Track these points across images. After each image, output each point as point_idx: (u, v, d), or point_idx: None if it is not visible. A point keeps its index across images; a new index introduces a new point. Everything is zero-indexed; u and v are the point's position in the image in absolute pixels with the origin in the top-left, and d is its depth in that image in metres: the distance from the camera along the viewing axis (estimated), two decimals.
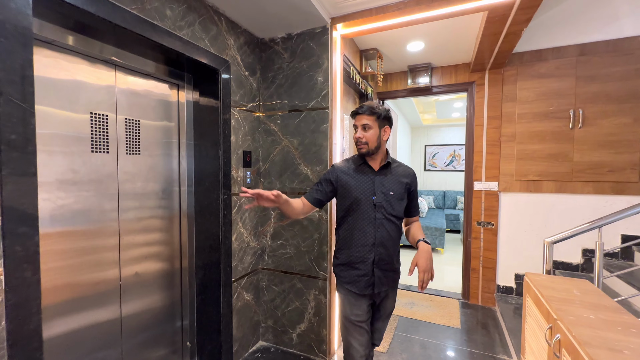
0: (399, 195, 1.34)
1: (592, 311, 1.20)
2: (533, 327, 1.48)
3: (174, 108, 1.71)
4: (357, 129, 1.33)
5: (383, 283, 1.33)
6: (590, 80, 2.36)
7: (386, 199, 1.31)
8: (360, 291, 1.31)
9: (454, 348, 2.10)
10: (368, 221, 1.30)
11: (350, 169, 1.36)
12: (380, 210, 1.30)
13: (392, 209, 1.32)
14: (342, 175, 1.35)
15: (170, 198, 1.72)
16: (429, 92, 2.96)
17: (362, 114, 1.31)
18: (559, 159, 2.46)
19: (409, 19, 1.77)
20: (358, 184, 1.32)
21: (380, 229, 1.30)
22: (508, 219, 2.65)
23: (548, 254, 1.69)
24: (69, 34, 1.21)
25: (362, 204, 1.30)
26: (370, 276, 1.31)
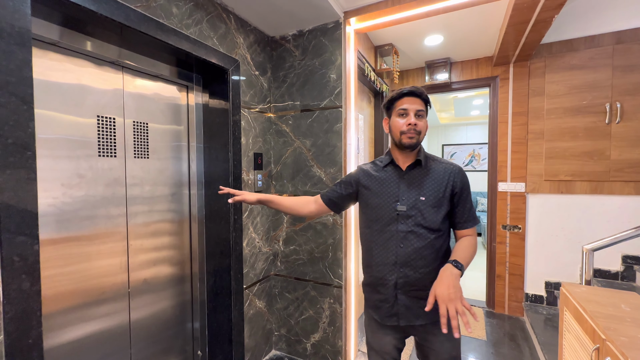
0: (434, 201, 1.04)
1: None
2: (573, 345, 1.32)
3: (183, 110, 1.67)
4: (406, 114, 1.04)
5: (414, 315, 1.04)
6: (629, 70, 2.16)
7: (414, 206, 1.04)
8: (382, 320, 1.08)
9: None
10: (389, 234, 1.05)
11: (373, 170, 1.14)
12: (406, 221, 1.04)
13: (422, 218, 1.03)
14: (363, 178, 1.14)
15: (180, 202, 1.67)
16: (448, 88, 2.81)
17: (418, 96, 1.05)
18: (594, 157, 2.26)
19: (427, 10, 1.66)
20: (379, 188, 1.10)
21: (405, 245, 1.03)
22: (537, 223, 2.46)
23: (588, 263, 1.52)
24: (73, 35, 1.18)
25: (383, 212, 1.07)
26: (392, 303, 1.05)
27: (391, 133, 1.10)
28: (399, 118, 1.06)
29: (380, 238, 1.07)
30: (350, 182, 1.18)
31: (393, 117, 1.08)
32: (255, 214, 1.87)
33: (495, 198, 2.60)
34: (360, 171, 1.18)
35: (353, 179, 1.18)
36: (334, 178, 1.81)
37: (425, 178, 1.08)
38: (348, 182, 1.18)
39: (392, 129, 1.09)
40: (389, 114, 1.11)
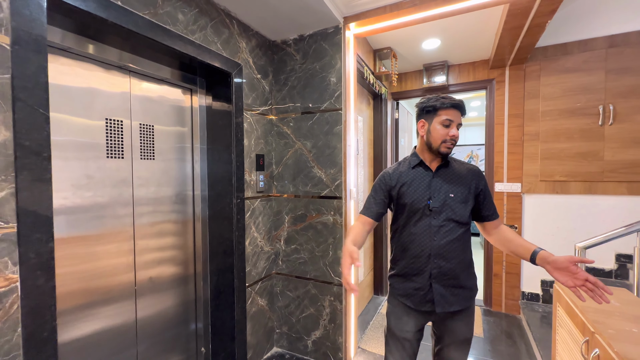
0: (462, 198, 1.14)
1: (634, 324, 1.09)
2: (565, 339, 1.37)
3: (187, 113, 1.71)
4: (450, 125, 1.11)
5: (449, 302, 1.13)
6: (622, 73, 2.21)
7: (445, 203, 1.13)
8: (416, 306, 1.16)
9: (477, 359, 1.99)
10: (423, 229, 1.14)
11: (403, 172, 1.21)
12: (438, 216, 1.13)
13: (453, 213, 1.13)
14: (394, 181, 1.20)
15: (184, 202, 1.71)
16: (446, 91, 2.86)
17: (462, 110, 1.12)
18: (588, 158, 2.31)
19: (424, 15, 1.71)
20: (412, 188, 1.17)
21: (438, 238, 1.12)
22: (533, 222, 2.51)
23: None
24: (83, 41, 1.22)
25: (417, 209, 1.15)
26: (427, 291, 1.14)
27: (429, 137, 1.15)
28: (442, 127, 1.12)
29: (415, 233, 1.15)
30: (384, 189, 1.22)
31: (435, 123, 1.14)
32: (257, 214, 1.91)
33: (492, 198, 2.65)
34: (389, 175, 1.23)
35: (384, 185, 1.22)
36: (334, 179, 1.85)
37: (452, 177, 1.17)
38: (382, 188, 1.22)
39: (433, 134, 1.14)
40: (429, 118, 1.15)
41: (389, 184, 1.21)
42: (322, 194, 1.89)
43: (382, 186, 1.21)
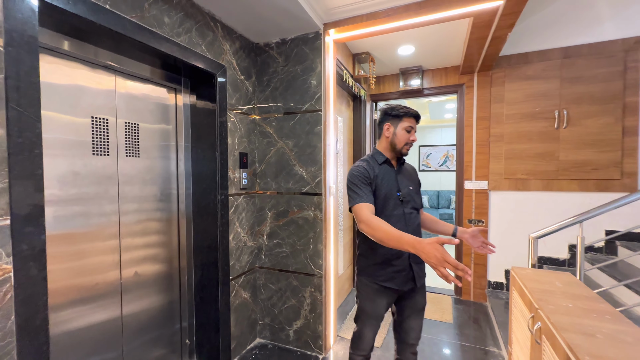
0: (416, 190, 1.40)
1: (571, 300, 1.27)
2: (518, 318, 1.55)
3: (172, 111, 1.76)
4: (411, 131, 1.33)
5: (421, 277, 1.36)
6: (574, 81, 2.45)
7: (409, 194, 1.34)
8: (399, 286, 1.31)
9: (446, 342, 2.17)
10: (398, 217, 1.30)
11: (374, 167, 1.33)
12: (407, 205, 1.33)
13: (414, 202, 1.35)
14: (372, 174, 1.31)
15: (169, 200, 1.76)
16: (421, 94, 3.04)
17: (418, 120, 1.34)
18: (546, 158, 2.54)
19: (398, 25, 1.84)
20: (385, 181, 1.32)
21: (410, 223, 1.32)
22: (498, 217, 2.73)
23: (533, 249, 1.77)
24: (71, 42, 1.26)
25: (391, 200, 1.31)
26: (408, 271, 1.31)
27: (394, 139, 1.34)
28: (405, 132, 1.33)
29: (392, 221, 1.26)
30: (366, 182, 1.29)
31: (399, 128, 1.33)
32: (241, 210, 1.99)
33: (462, 195, 2.85)
34: (369, 167, 1.32)
35: (366, 178, 1.29)
36: (315, 176, 1.96)
37: (407, 174, 1.42)
38: (366, 182, 1.29)
39: (399, 137, 1.33)
40: (395, 123, 1.34)
41: (369, 177, 1.29)
42: (304, 190, 2.00)
43: (365, 180, 1.28)
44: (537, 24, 2.53)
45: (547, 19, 2.50)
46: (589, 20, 2.41)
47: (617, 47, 2.35)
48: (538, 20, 2.52)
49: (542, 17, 2.51)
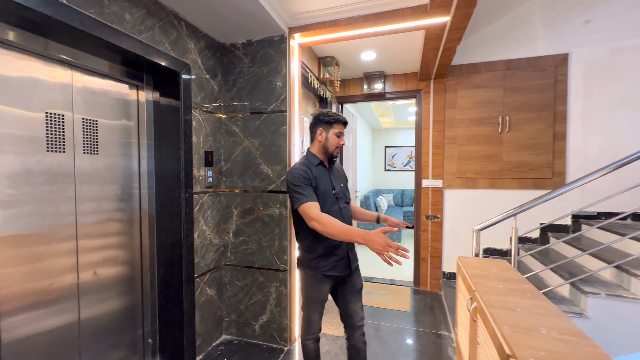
0: (346, 186, 1.61)
1: (501, 283, 1.46)
2: (462, 302, 1.74)
3: (133, 108, 1.74)
4: (340, 136, 1.49)
5: (354, 260, 1.55)
6: (515, 91, 2.75)
7: (342, 190, 1.55)
8: (341, 272, 1.49)
9: (403, 329, 2.34)
10: (336, 212, 1.46)
11: (312, 169, 1.46)
12: (341, 201, 1.52)
13: (346, 197, 1.57)
14: (311, 175, 1.43)
15: (130, 198, 1.74)
16: (383, 97, 3.21)
17: (346, 126, 1.52)
18: (491, 159, 2.82)
19: (359, 33, 1.97)
20: (322, 180, 1.46)
21: (345, 216, 1.51)
22: (451, 213, 2.98)
23: (476, 240, 1.98)
24: (22, 34, 1.22)
25: (328, 197, 1.46)
26: (346, 258, 1.50)
27: (327, 143, 1.49)
28: (335, 137, 1.48)
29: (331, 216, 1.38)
30: (307, 183, 1.40)
31: (331, 134, 1.48)
32: (206, 208, 2.00)
33: (420, 193, 3.07)
34: (307, 169, 1.44)
35: (307, 180, 1.41)
36: (280, 175, 2.03)
37: (337, 173, 1.60)
38: (308, 181, 1.41)
39: (330, 142, 1.49)
40: (327, 129, 1.48)
41: (309, 177, 1.42)
42: (269, 188, 2.05)
43: (307, 181, 1.40)
44: (484, 38, 2.80)
45: (492, 34, 2.78)
46: (526, 37, 2.71)
47: (549, 62, 2.67)
48: (485, 35, 2.79)
49: (488, 32, 2.78)
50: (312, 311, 1.49)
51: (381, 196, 6.31)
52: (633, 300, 1.64)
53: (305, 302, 1.51)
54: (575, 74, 2.62)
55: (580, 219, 2.59)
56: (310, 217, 1.32)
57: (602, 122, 2.57)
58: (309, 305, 1.50)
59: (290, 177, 1.41)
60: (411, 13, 1.79)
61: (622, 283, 1.77)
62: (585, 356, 0.90)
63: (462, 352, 1.67)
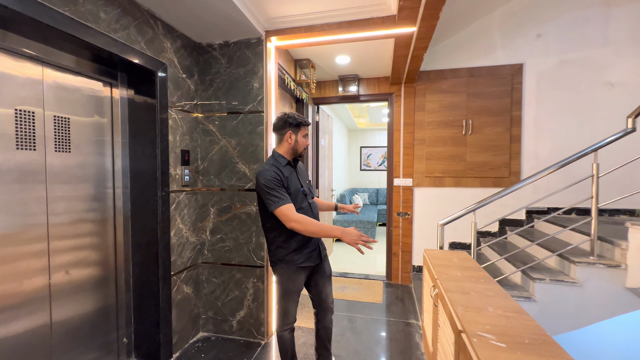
0: (310, 182, 1.74)
1: (460, 271, 1.62)
2: (427, 291, 1.89)
3: (107, 106, 1.72)
4: (306, 137, 1.62)
5: (323, 249, 1.68)
6: (476, 96, 2.98)
7: (308, 187, 1.67)
8: (314, 262, 1.61)
9: (375, 319, 2.48)
10: (306, 209, 1.57)
11: (281, 170, 1.52)
12: (309, 196, 1.65)
13: (312, 193, 1.71)
14: (282, 176, 1.50)
15: (104, 197, 1.72)
16: (357, 99, 3.34)
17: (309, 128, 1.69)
18: (456, 159, 3.04)
19: (332, 38, 2.07)
20: (291, 180, 1.54)
21: (314, 211, 1.64)
22: (420, 209, 3.17)
23: (440, 234, 2.15)
24: None
25: (298, 195, 1.56)
26: (318, 249, 1.63)
27: (296, 144, 1.58)
28: (304, 138, 1.61)
29: (302, 213, 1.52)
30: (282, 182, 1.49)
31: (299, 136, 1.59)
32: (183, 206, 2.01)
33: (392, 191, 3.23)
34: (278, 171, 1.50)
35: (279, 182, 1.48)
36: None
37: (302, 171, 1.71)
38: (281, 182, 1.48)
39: (300, 143, 1.59)
40: (296, 131, 1.58)
41: (281, 179, 1.48)
42: (246, 187, 2.10)
43: (280, 183, 1.47)
44: (450, 47, 3.00)
45: (457, 43, 2.99)
46: (486, 47, 2.94)
47: (506, 71, 2.92)
48: (451, 44, 2.99)
49: (453, 41, 2.99)
50: (289, 302, 1.58)
51: (357, 195, 6.49)
52: (572, 284, 1.86)
53: (282, 295, 1.58)
54: (529, 83, 2.89)
55: (533, 213, 2.87)
56: (290, 218, 1.41)
57: (551, 126, 2.86)
58: (285, 297, 1.58)
59: (262, 180, 1.45)
60: (381, 22, 1.92)
61: (564, 269, 2.00)
62: (521, 327, 1.05)
63: (427, 336, 1.82)
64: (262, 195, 1.47)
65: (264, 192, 1.45)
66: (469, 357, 0.94)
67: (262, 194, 1.47)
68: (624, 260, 1.79)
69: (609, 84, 2.75)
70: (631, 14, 2.68)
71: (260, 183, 1.47)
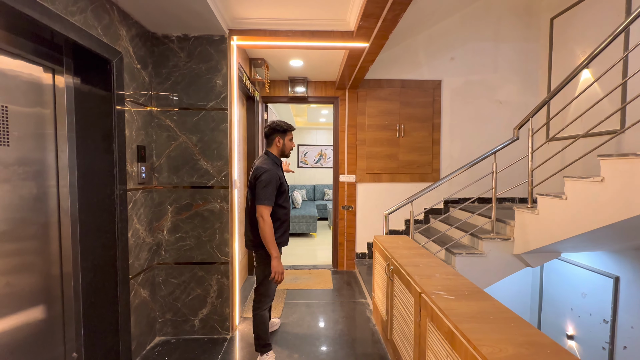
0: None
1: (407, 250, 1.97)
2: (378, 269, 2.22)
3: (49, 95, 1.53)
4: (292, 140, 1.95)
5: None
6: (407, 105, 3.49)
7: (287, 184, 1.93)
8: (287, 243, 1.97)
9: (329, 302, 2.74)
10: (288, 210, 1.91)
11: (277, 169, 1.85)
12: (289, 192, 1.95)
13: (289, 190, 2.00)
14: (281, 176, 1.85)
15: (46, 197, 1.53)
16: (305, 100, 3.54)
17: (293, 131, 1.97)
18: (391, 158, 3.51)
19: (295, 44, 2.21)
20: (283, 179, 1.87)
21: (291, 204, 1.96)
22: (362, 203, 3.55)
23: (385, 222, 2.52)
24: None
25: (287, 191, 1.89)
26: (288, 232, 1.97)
27: (284, 147, 1.92)
28: (290, 142, 1.94)
29: (287, 206, 1.89)
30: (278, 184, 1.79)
31: (286, 140, 1.92)
32: (139, 205, 1.90)
33: (338, 187, 3.54)
34: (279, 172, 1.84)
35: (279, 180, 1.80)
36: (221, 170, 2.10)
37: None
38: (278, 184, 1.79)
39: (286, 146, 1.93)
40: (283, 136, 1.90)
41: (280, 180, 1.81)
42: (209, 184, 2.10)
43: (277, 185, 1.78)
44: (388, 59, 3.44)
45: (392, 57, 3.45)
46: (414, 63, 3.48)
47: (429, 85, 3.50)
48: (388, 57, 3.44)
49: (389, 55, 3.44)
50: (271, 283, 1.82)
51: (296, 191, 6.70)
52: (480, 255, 2.43)
53: (265, 278, 1.82)
54: (446, 96, 3.53)
55: (449, 203, 3.52)
56: (263, 216, 1.72)
57: (461, 132, 3.56)
58: (268, 287, 1.85)
59: (268, 176, 1.73)
60: (340, 36, 2.15)
61: (474, 245, 2.58)
62: (461, 285, 1.41)
63: (380, 308, 2.15)
64: (258, 186, 1.73)
65: (262, 185, 1.72)
66: (429, 309, 1.25)
67: (259, 185, 1.73)
68: (512, 234, 2.43)
69: (498, 101, 3.57)
70: (512, 49, 3.52)
71: (261, 178, 1.73)
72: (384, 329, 2.02)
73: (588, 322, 2.91)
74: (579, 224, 1.85)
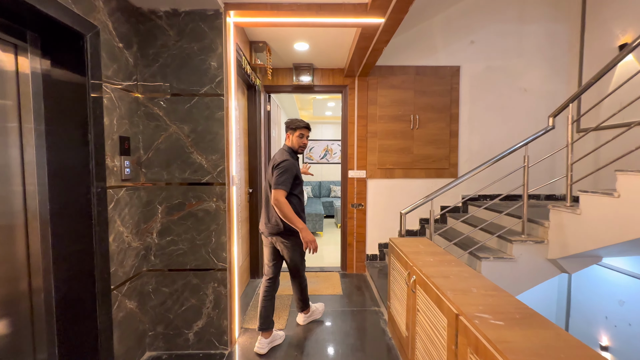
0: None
1: (431, 257, 1.70)
2: (396, 277, 1.95)
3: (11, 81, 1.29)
4: (303, 137, 2.03)
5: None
6: (422, 94, 3.20)
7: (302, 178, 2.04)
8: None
9: (338, 310, 2.49)
10: (303, 196, 2.06)
11: (294, 159, 2.00)
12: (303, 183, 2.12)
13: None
14: (298, 168, 1.98)
15: (10, 198, 1.29)
16: (311, 90, 3.26)
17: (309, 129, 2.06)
18: (405, 152, 3.23)
19: (300, 21, 1.94)
20: (299, 172, 2.01)
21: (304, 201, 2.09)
22: (373, 200, 3.29)
23: (403, 222, 2.25)
24: None
25: (302, 184, 2.03)
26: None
27: (293, 143, 2.04)
28: (300, 138, 2.03)
29: (302, 196, 2.05)
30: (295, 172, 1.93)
31: (294, 136, 2.03)
32: (123, 205, 1.66)
33: (346, 183, 3.28)
34: (296, 163, 2.00)
35: (296, 169, 1.94)
36: (216, 165, 1.85)
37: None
38: (295, 172, 1.92)
39: (294, 142, 2.03)
40: (292, 133, 2.02)
41: (296, 169, 1.94)
42: (203, 180, 1.85)
43: (294, 171, 1.91)
44: (400, 44, 3.15)
45: (406, 41, 3.15)
46: (430, 48, 3.18)
47: (447, 72, 3.20)
48: (401, 41, 3.14)
49: (402, 39, 3.14)
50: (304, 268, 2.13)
51: None
52: (509, 260, 2.15)
53: (301, 263, 2.08)
54: (464, 84, 3.23)
55: (468, 200, 3.24)
56: (279, 198, 1.81)
57: (480, 123, 3.25)
58: (303, 264, 2.10)
59: (287, 165, 1.87)
60: (352, 10, 1.87)
61: (501, 248, 2.30)
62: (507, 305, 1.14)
63: (398, 322, 1.89)
64: (277, 172, 1.85)
65: (279, 171, 1.85)
66: (473, 338, 0.98)
67: (278, 171, 1.85)
68: (546, 236, 2.14)
69: (522, 89, 3.25)
70: (538, 31, 3.20)
71: (282, 164, 1.86)
72: (403, 346, 1.77)
73: (627, 333, 2.63)
74: (637, 226, 1.57)
